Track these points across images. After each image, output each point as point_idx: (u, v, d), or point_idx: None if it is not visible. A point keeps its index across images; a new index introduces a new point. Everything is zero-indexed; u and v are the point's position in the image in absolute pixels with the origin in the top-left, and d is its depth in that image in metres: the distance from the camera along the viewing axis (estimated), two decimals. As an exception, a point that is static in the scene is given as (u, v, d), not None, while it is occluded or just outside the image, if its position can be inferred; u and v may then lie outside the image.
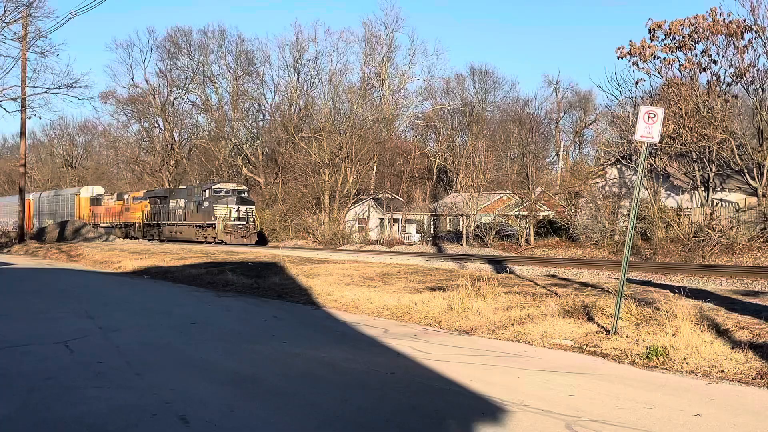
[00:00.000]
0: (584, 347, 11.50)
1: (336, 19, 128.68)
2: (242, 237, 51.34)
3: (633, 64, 43.73)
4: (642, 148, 12.76)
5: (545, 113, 78.68)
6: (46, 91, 42.32)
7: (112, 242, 51.71)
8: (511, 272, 22.22)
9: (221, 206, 51.45)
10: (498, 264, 26.15)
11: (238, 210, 51.70)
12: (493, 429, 6.99)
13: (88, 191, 72.85)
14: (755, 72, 40.77)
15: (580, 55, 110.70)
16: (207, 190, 53.49)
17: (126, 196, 64.72)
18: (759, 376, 9.24)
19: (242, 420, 7.24)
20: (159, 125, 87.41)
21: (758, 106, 40.28)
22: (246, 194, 55.82)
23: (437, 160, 74.70)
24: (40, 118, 68.36)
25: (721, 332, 11.04)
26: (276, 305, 17.66)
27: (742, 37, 40.75)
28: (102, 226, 65.16)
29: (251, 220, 53.83)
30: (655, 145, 32.55)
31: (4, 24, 35.07)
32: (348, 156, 59.99)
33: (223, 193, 52.71)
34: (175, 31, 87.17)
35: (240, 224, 51.79)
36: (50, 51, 43.59)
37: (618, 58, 43.97)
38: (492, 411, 7.61)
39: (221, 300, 18.87)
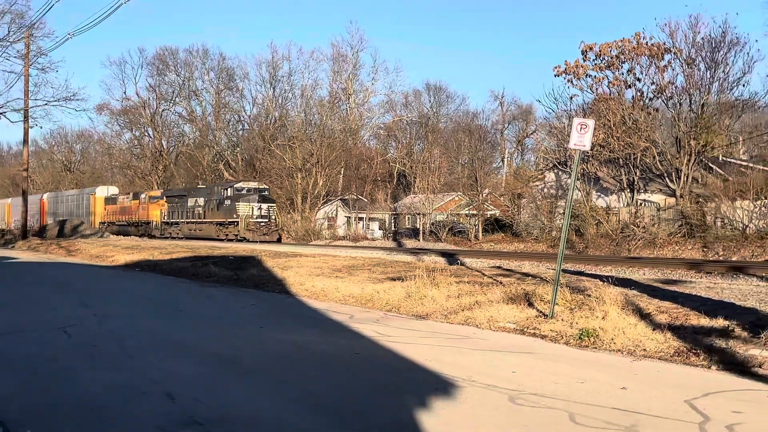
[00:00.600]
0: (525, 330, 11.59)
1: (307, 39, 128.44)
2: (264, 234, 46.32)
3: (568, 81, 44.18)
4: (575, 155, 12.88)
5: (492, 124, 79.10)
6: (46, 104, 42.01)
7: (106, 238, 50.90)
8: (462, 264, 22.32)
9: (243, 204, 47.12)
10: (450, 257, 26.23)
11: (260, 208, 47.21)
12: (445, 402, 7.03)
13: (103, 191, 68.53)
14: (673, 88, 41.39)
15: (523, 73, 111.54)
16: (228, 189, 48.98)
17: (143, 196, 59.86)
18: (676, 354, 9.38)
19: (223, 396, 7.22)
20: (149, 134, 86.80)
21: (676, 118, 40.83)
22: (267, 193, 51.24)
23: (397, 165, 74.92)
24: (41, 128, 68.71)
25: (643, 316, 11.17)
26: (254, 294, 17.61)
27: (663, 58, 41.32)
28: (117, 224, 61.54)
29: (272, 218, 49.19)
30: (587, 153, 32.93)
31: (8, 43, 34.69)
32: (318, 162, 59.97)
33: (244, 192, 48.22)
34: (163, 50, 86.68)
35: (262, 222, 47.00)
36: (50, 67, 43.13)
37: (555, 75, 44.47)
38: (444, 386, 7.66)
39: (205, 290, 18.76)
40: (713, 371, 8.60)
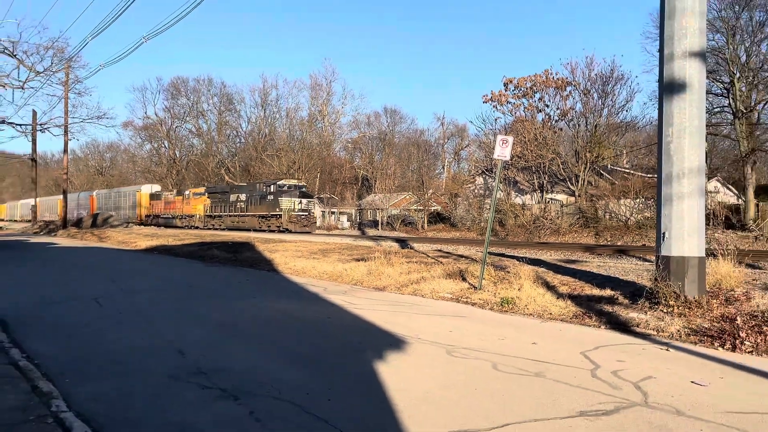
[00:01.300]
0: (459, 299, 11.65)
1: (291, 72, 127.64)
2: (304, 226, 41.99)
3: (493, 106, 44.29)
4: (498, 164, 12.96)
5: (435, 140, 78.99)
6: (82, 121, 41.12)
7: (130, 228, 49.91)
8: (411, 248, 22.38)
9: (286, 199, 42.23)
10: (403, 243, 26.28)
11: (300, 202, 42.61)
12: (397, 355, 7.05)
13: (147, 188, 63.64)
14: (573, 113, 41.82)
15: (459, 99, 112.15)
16: (272, 186, 43.90)
17: (186, 192, 54.81)
18: (574, 317, 9.49)
19: (223, 353, 7.16)
20: (165, 146, 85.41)
21: (575, 136, 41.32)
22: (305, 189, 46.41)
23: (361, 171, 74.91)
24: (78, 140, 66.68)
25: (550, 287, 11.30)
26: (248, 272, 17.45)
27: (565, 89, 41.70)
28: (162, 217, 56.70)
29: (311, 211, 44.91)
30: (508, 162, 33.16)
31: (51, 73, 33.87)
32: (299, 168, 59.65)
33: (286, 188, 43.49)
34: (176, 79, 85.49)
35: (302, 215, 42.32)
36: (85, 92, 42.93)
37: (483, 102, 44.48)
38: (397, 343, 7.68)
39: (209, 268, 18.55)
40: (602, 330, 8.71)
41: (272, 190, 43.52)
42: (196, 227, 50.50)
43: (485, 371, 6.33)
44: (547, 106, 42.49)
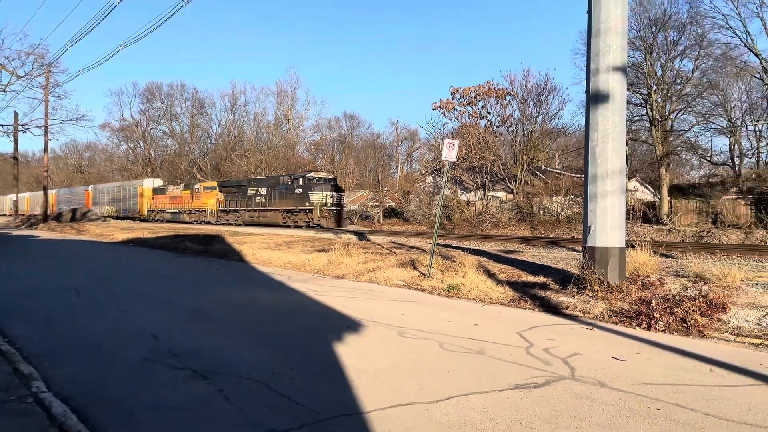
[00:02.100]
0: (411, 285, 11.70)
1: (259, 79, 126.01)
2: (337, 222, 36.25)
3: (442, 113, 44.51)
4: (446, 165, 13.05)
5: (390, 142, 78.96)
6: (61, 123, 39.97)
7: (108, 222, 48.45)
8: (368, 240, 22.35)
9: (317, 193, 35.69)
10: (360, 235, 26.20)
11: (332, 196, 36.26)
12: (354, 336, 7.04)
13: (150, 183, 56.24)
14: (512, 120, 42.40)
15: (411, 106, 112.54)
16: (300, 178, 37.09)
17: (197, 186, 47.41)
18: (512, 301, 9.63)
19: (194, 337, 7.04)
20: (141, 146, 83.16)
21: (514, 140, 41.89)
22: (336, 182, 39.87)
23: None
24: (58, 140, 63.56)
25: (490, 275, 11.43)
26: (218, 262, 17.19)
27: (505, 99, 42.21)
28: (168, 211, 49.50)
29: (344, 205, 39.01)
30: (454, 163, 33.39)
31: (32, 77, 32.82)
32: (266, 167, 58.84)
33: (315, 181, 36.79)
34: (151, 84, 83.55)
35: (335, 209, 36.02)
36: (64, 95, 41.40)
37: (433, 109, 45.09)
38: (354, 326, 7.67)
39: (181, 259, 18.20)
40: (536, 312, 8.87)
41: (301, 183, 36.72)
42: (207, 222, 44.06)
43: (433, 350, 6.37)
44: (489, 113, 42.97)
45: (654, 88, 36.08)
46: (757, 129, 43.60)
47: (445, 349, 6.42)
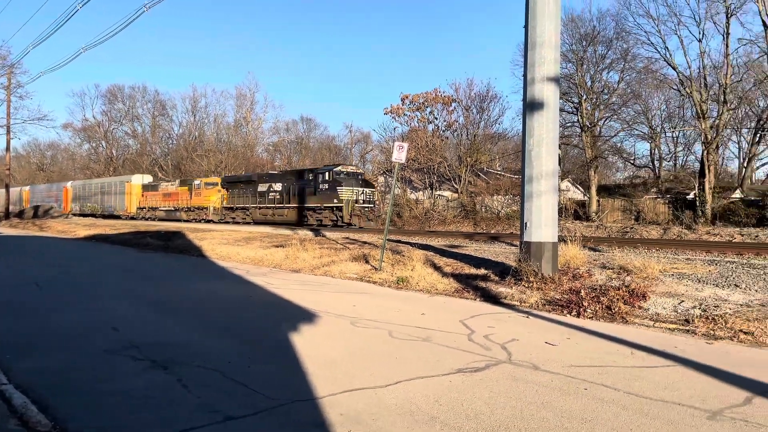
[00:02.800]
0: (363, 278, 11.70)
1: (219, 82, 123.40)
2: (369, 220, 30.44)
3: (393, 118, 44.75)
4: (396, 166, 13.09)
5: (344, 144, 78.68)
6: (23, 122, 38.48)
7: (70, 219, 46.48)
8: (324, 236, 22.20)
9: (347, 189, 30.06)
10: (316, 232, 26.01)
11: (363, 192, 30.81)
12: (309, 326, 6.99)
13: (139, 179, 49.92)
14: (457, 125, 42.93)
15: (364, 110, 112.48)
16: (326, 172, 31.32)
17: (196, 182, 41.43)
18: (456, 292, 9.74)
19: (155, 328, 6.86)
20: (103, 145, 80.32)
21: (458, 144, 42.45)
22: (363, 176, 33.94)
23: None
24: (20, 139, 59.83)
25: (437, 268, 11.53)
26: (179, 257, 16.79)
27: (451, 105, 42.73)
28: (162, 209, 43.76)
29: (375, 202, 33.48)
30: (404, 164, 33.61)
31: (-6, 78, 31.43)
32: (226, 167, 57.74)
33: (344, 175, 31.10)
34: (113, 86, 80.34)
35: (366, 206, 30.49)
36: (26, 96, 39.66)
37: (384, 114, 45.03)
38: (309, 316, 7.62)
39: (143, 254, 17.71)
40: (478, 302, 8.99)
41: (327, 178, 31.03)
42: (209, 221, 38.56)
43: (382, 338, 6.38)
44: (436, 118, 43.41)
45: (584, 97, 37.09)
46: (674, 135, 45.40)
47: (394, 337, 6.44)
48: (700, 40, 32.11)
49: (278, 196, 34.19)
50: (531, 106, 9.58)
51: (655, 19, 33.45)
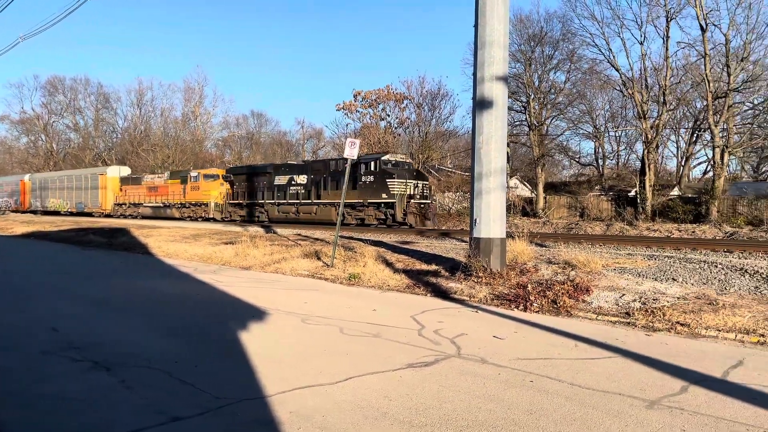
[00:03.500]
0: (315, 275, 11.62)
1: (166, 76, 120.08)
2: (427, 219, 24.94)
3: (345, 114, 44.66)
4: (348, 162, 13.04)
5: (296, 140, 77.90)
6: (-44, 113, 36.24)
7: (5, 215, 44.46)
8: (275, 233, 21.92)
9: (399, 181, 24.24)
10: (267, 228, 25.64)
11: (417, 186, 24.88)
12: (258, 324, 6.90)
13: (115, 171, 43.70)
14: (409, 122, 43.18)
15: (316, 106, 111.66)
16: (371, 162, 25.11)
17: (193, 174, 35.66)
18: (407, 288, 9.80)
19: (96, 328, 6.62)
20: (42, 139, 76.91)
21: (410, 141, 42.70)
22: (412, 166, 28.13)
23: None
24: None
25: (389, 264, 11.57)
26: (123, 255, 16.26)
27: (403, 102, 42.95)
28: (147, 205, 38.36)
29: (432, 198, 28.46)
30: (356, 160, 33.46)
31: None
32: (173, 162, 56.25)
33: (392, 165, 25.12)
34: (53, 77, 77.10)
35: (423, 203, 24.97)
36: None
37: (337, 110, 44.79)
38: (258, 314, 7.51)
39: (85, 252, 17.07)
40: (428, 297, 9.07)
41: (372, 169, 25.01)
42: (210, 219, 33.47)
43: (333, 335, 6.36)
44: (389, 115, 43.55)
45: (532, 96, 37.93)
46: (617, 134, 47.00)
47: (345, 333, 6.42)
48: (641, 43, 33.29)
49: (302, 191, 28.32)
50: (480, 104, 9.72)
51: (599, 21, 34.50)
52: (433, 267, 10.89)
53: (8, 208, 52.21)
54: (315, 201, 27.51)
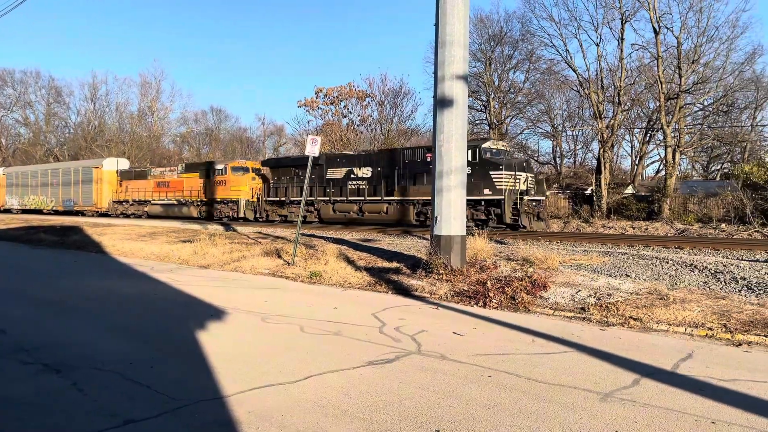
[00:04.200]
0: (275, 273, 11.52)
1: (122, 69, 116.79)
2: (540, 220, 20.76)
3: (307, 111, 44.39)
4: (309, 159, 12.96)
5: (256, 137, 76.90)
6: None
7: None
8: (235, 231, 21.62)
9: (507, 174, 19.44)
10: (227, 226, 25.27)
11: (527, 180, 20.38)
12: (217, 323, 6.79)
13: (112, 164, 38.15)
14: (371, 120, 43.21)
15: (278, 102, 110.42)
16: (470, 151, 19.01)
17: (219, 166, 30.46)
18: (369, 285, 9.81)
19: (48, 330, 6.40)
20: (-11, 134, 73.90)
21: (372, 138, 42.76)
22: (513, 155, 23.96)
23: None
24: None
25: (350, 262, 11.56)
26: (76, 254, 15.77)
27: (365, 100, 42.93)
28: (157, 203, 33.47)
29: (545, 194, 23.78)
30: (318, 157, 33.23)
31: None
32: (129, 158, 54.86)
33: (491, 154, 20.39)
34: (2, 70, 73.52)
35: (535, 200, 20.49)
36: None
37: (298, 106, 44.73)
38: (217, 313, 7.40)
39: (36, 251, 16.48)
40: (390, 295, 9.09)
41: (471, 159, 19.18)
42: (242, 219, 28.30)
43: (294, 334, 6.31)
44: (351, 112, 43.49)
45: (492, 95, 38.46)
46: (574, 134, 48.05)
47: (305, 332, 6.38)
48: (597, 44, 34.18)
49: (366, 186, 23.90)
50: (441, 103, 9.79)
51: (557, 22, 35.22)
52: (395, 264, 10.93)
53: None
54: (388, 198, 23.04)
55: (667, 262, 9.79)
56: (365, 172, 24.16)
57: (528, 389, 4.44)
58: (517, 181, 19.65)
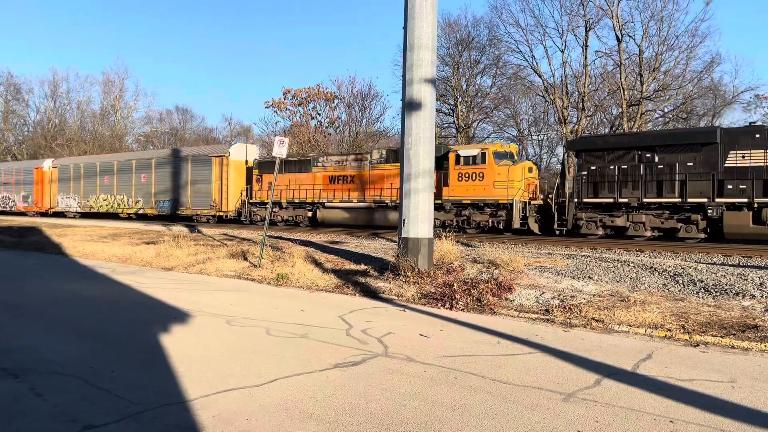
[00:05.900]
0: (241, 276, 11.39)
1: (83, 67, 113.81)
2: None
3: (274, 112, 44.10)
4: (277, 160, 12.87)
5: (223, 137, 75.84)
6: None
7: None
8: (200, 232, 21.32)
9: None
10: (192, 227, 24.89)
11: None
12: (181, 326, 6.69)
13: (240, 152, 28.25)
14: (340, 121, 43.16)
15: (244, 102, 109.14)
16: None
17: (467, 152, 20.16)
18: (336, 288, 9.78)
19: (5, 333, 6.20)
20: (-58, 132, 71.12)
21: (341, 140, 42.67)
22: None
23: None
24: None
25: (318, 264, 11.52)
26: (35, 255, 15.31)
27: (333, 101, 42.85)
28: (338, 206, 23.91)
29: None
30: (285, 159, 33.02)
31: None
32: (91, 158, 53.54)
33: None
34: (-43, 66, 71.81)
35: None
36: None
37: (266, 107, 44.29)
38: (182, 316, 7.28)
39: (-6, 253, 15.96)
40: (357, 297, 9.09)
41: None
42: (530, 232, 19.64)
43: (259, 336, 6.26)
44: (319, 114, 43.36)
45: (460, 99, 38.85)
46: (539, 138, 48.84)
47: (271, 334, 6.33)
48: (562, 51, 34.83)
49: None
50: (409, 106, 9.85)
51: (523, 28, 35.80)
52: (363, 267, 10.93)
53: (11, 208, 37.44)
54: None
55: (628, 265, 10.04)
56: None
57: (493, 390, 4.49)
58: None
